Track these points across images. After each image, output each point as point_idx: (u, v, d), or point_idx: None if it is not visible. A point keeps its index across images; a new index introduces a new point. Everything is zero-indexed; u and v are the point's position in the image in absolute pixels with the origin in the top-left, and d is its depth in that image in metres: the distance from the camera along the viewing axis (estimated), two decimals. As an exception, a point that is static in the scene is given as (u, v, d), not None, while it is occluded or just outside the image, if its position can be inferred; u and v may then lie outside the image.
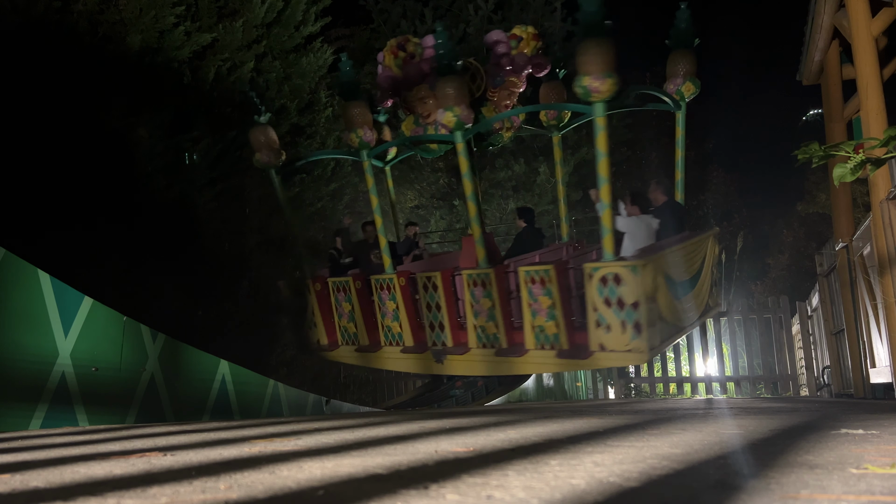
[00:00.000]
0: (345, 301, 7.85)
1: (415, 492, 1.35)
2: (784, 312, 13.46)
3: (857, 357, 7.99)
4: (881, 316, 6.67)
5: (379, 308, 7.60)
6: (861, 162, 2.82)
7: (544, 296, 6.61)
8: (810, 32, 8.55)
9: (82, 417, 4.62)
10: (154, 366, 5.46)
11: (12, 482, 1.59)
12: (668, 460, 1.77)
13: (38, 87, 6.37)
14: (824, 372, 10.71)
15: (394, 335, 7.61)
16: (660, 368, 14.60)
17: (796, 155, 3.01)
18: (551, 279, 6.54)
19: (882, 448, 2.00)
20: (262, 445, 2.31)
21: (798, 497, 1.28)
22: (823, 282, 9.78)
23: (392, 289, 7.47)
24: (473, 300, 6.96)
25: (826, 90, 8.90)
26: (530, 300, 6.65)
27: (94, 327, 4.81)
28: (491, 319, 6.91)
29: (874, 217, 6.52)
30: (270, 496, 1.35)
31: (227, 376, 6.56)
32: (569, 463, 1.73)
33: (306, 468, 1.71)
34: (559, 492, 1.34)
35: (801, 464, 1.68)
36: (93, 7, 7.10)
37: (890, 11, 6.65)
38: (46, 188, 6.24)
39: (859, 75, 6.75)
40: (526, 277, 6.61)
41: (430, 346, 7.38)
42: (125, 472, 1.73)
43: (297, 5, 9.40)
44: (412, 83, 7.71)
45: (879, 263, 6.45)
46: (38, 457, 2.20)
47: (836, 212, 8.69)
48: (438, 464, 1.75)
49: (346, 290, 7.81)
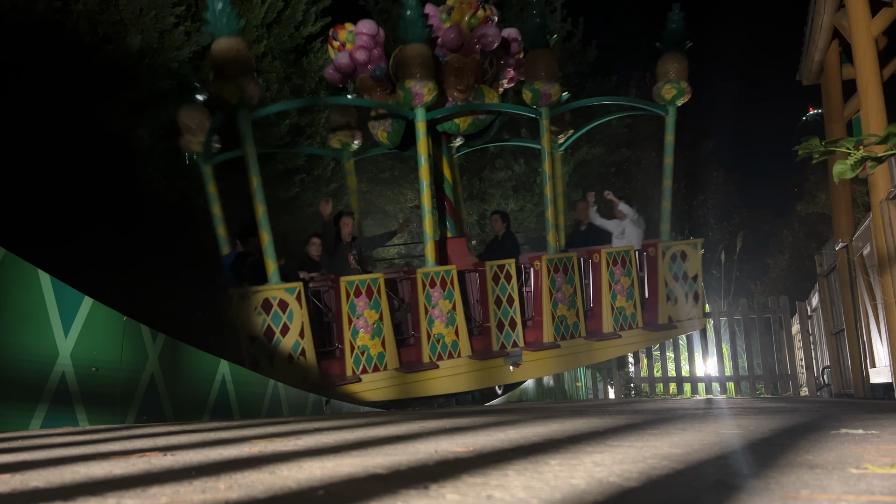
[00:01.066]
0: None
1: (415, 492, 1.35)
2: (784, 312, 13.45)
3: (856, 357, 7.98)
4: (881, 316, 6.67)
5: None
6: (861, 159, 2.82)
7: (625, 276, 7.45)
8: (810, 32, 8.55)
9: (82, 417, 4.62)
10: (154, 366, 5.45)
11: (12, 482, 1.59)
12: (668, 460, 1.77)
13: (38, 87, 6.37)
14: (824, 372, 10.71)
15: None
16: (660, 368, 14.59)
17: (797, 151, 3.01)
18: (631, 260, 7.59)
19: (882, 448, 2.00)
20: (262, 445, 2.31)
21: (798, 497, 1.28)
22: (823, 282, 9.77)
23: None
24: (554, 288, 7.34)
25: (826, 90, 8.89)
26: (612, 282, 7.37)
27: (94, 327, 4.81)
28: (572, 307, 7.44)
29: (874, 217, 6.51)
30: (270, 496, 1.35)
31: (227, 376, 6.55)
32: (569, 463, 1.73)
33: (306, 468, 1.71)
34: (559, 492, 1.34)
35: (800, 464, 1.68)
36: (93, 7, 7.10)
37: (890, 11, 6.65)
38: (46, 188, 6.25)
39: (859, 75, 6.74)
40: (608, 259, 7.35)
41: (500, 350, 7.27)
42: (125, 472, 1.73)
43: (297, 5, 9.40)
44: (471, 49, 7.39)
45: (879, 263, 6.45)
46: (38, 457, 2.19)
47: (836, 212, 8.68)
48: (438, 464, 1.75)
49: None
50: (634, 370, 14.37)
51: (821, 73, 9.01)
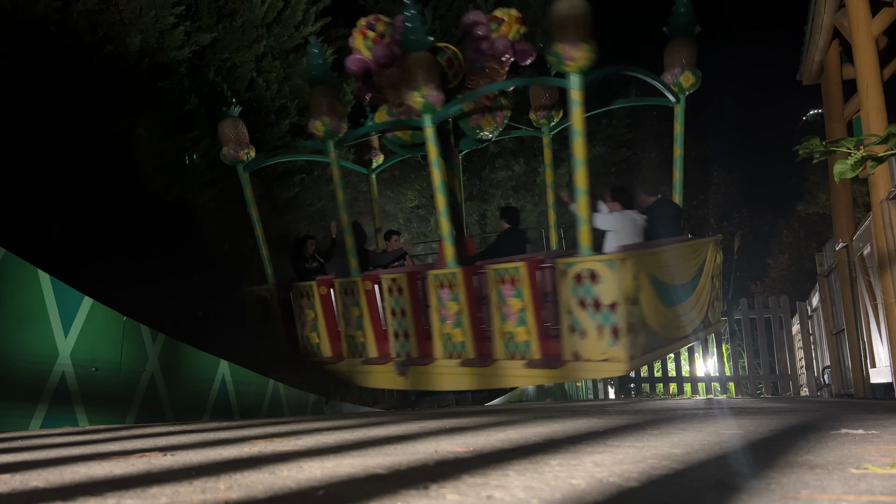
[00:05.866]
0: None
1: (415, 492, 1.35)
2: (784, 312, 13.46)
3: (857, 357, 7.99)
4: (881, 316, 6.67)
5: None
6: (861, 158, 2.82)
7: (515, 297, 5.78)
8: (810, 32, 8.55)
9: (82, 417, 4.62)
10: (154, 366, 5.45)
11: (12, 482, 1.59)
12: (668, 460, 1.76)
13: (38, 87, 6.37)
14: (824, 372, 10.71)
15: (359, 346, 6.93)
16: (660, 368, 14.60)
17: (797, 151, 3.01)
18: (522, 279, 5.73)
19: (882, 448, 2.00)
20: (262, 445, 2.31)
21: (798, 497, 1.28)
22: (823, 282, 9.78)
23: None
24: (440, 304, 6.16)
25: (826, 90, 8.90)
26: (500, 303, 5.83)
27: (94, 327, 4.81)
28: (458, 326, 6.09)
29: (874, 217, 6.51)
30: (270, 496, 1.35)
31: (227, 376, 6.55)
32: (569, 463, 1.73)
33: (306, 468, 1.71)
34: (559, 492, 1.34)
35: (801, 464, 1.68)
36: (93, 7, 7.10)
37: (890, 11, 6.66)
38: (46, 188, 6.25)
39: (859, 75, 6.75)
40: (496, 277, 5.87)
41: (394, 358, 6.62)
42: (125, 472, 1.73)
43: (297, 5, 9.39)
44: (383, 66, 6.95)
45: (879, 263, 6.45)
46: (38, 457, 2.19)
47: (836, 212, 8.69)
48: (438, 464, 1.75)
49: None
50: (635, 370, 14.38)
51: (821, 73, 9.02)
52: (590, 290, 5.31)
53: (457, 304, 6.06)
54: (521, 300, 5.76)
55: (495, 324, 5.91)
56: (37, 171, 6.21)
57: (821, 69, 8.96)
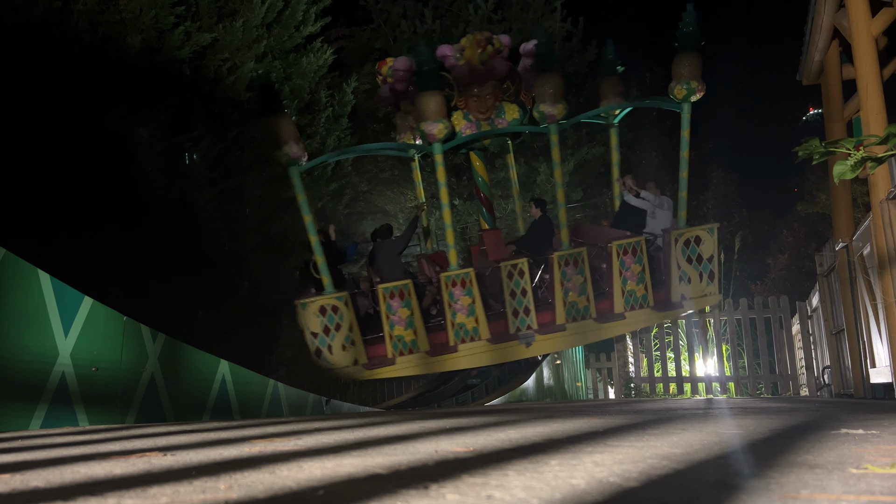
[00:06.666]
0: (402, 307, 8.21)
1: (415, 492, 1.35)
2: (784, 312, 13.44)
3: (857, 357, 7.98)
4: (881, 316, 6.67)
5: (449, 306, 8.29)
6: (861, 159, 2.82)
7: (636, 264, 8.55)
8: (810, 32, 8.54)
9: (82, 417, 4.62)
10: (154, 366, 5.45)
11: (12, 482, 1.59)
12: (668, 460, 1.77)
13: (38, 87, 6.36)
14: (824, 372, 10.70)
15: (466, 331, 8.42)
16: (660, 368, 14.58)
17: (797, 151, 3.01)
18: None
19: (882, 448, 2.00)
20: (262, 445, 2.31)
21: (798, 497, 1.28)
22: (823, 282, 9.77)
23: (468, 283, 8.20)
24: (565, 279, 8.46)
25: (826, 90, 8.89)
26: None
27: (94, 327, 4.81)
28: (583, 294, 8.51)
29: (874, 217, 6.51)
30: (270, 496, 1.35)
31: (227, 376, 6.55)
32: (569, 463, 1.73)
33: (306, 468, 1.71)
34: (559, 492, 1.34)
35: (801, 464, 1.68)
36: (93, 7, 7.10)
37: (890, 11, 6.65)
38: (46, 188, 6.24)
39: (859, 75, 6.74)
40: (619, 250, 8.44)
41: (516, 332, 8.36)
42: (125, 472, 1.73)
43: (297, 5, 9.39)
44: (486, 78, 8.55)
45: (879, 263, 6.45)
46: (38, 457, 2.20)
47: (836, 212, 8.68)
48: (438, 464, 1.75)
49: (403, 294, 8.17)
50: (634, 370, 14.36)
51: (821, 73, 9.01)
52: (695, 249, 8.47)
53: (581, 275, 8.65)
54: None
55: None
56: (36, 171, 6.20)
57: (821, 69, 8.95)
